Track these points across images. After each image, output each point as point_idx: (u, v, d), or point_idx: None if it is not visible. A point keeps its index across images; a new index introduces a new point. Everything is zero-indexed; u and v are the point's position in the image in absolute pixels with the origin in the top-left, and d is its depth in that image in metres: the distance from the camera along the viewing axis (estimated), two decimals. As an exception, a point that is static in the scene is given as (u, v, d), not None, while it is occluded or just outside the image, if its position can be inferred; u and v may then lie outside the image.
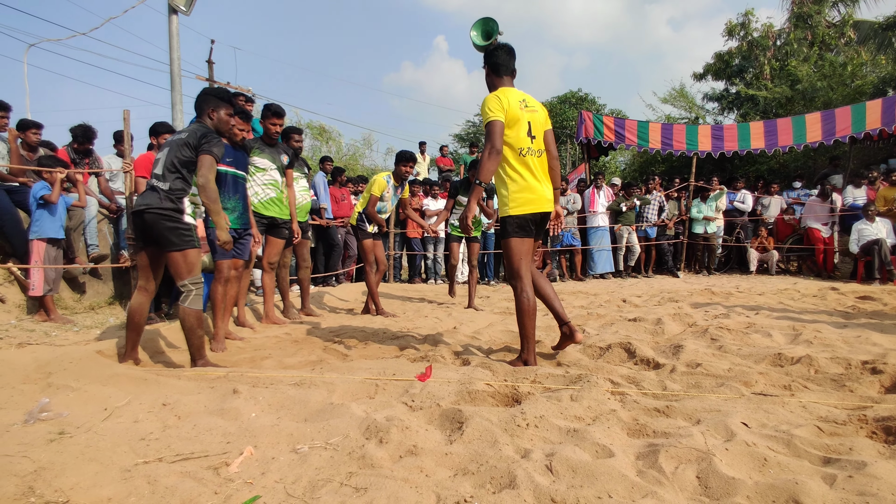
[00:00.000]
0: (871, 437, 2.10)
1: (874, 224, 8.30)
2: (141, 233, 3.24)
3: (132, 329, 3.35)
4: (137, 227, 3.23)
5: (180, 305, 3.25)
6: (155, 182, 3.20)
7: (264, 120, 4.79)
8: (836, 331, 4.12)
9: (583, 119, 10.80)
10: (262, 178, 4.76)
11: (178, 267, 3.19)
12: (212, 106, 3.42)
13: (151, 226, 3.13)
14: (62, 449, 1.95)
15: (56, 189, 4.91)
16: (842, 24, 15.08)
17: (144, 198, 3.19)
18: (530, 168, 3.17)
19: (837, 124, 9.62)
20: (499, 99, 3.10)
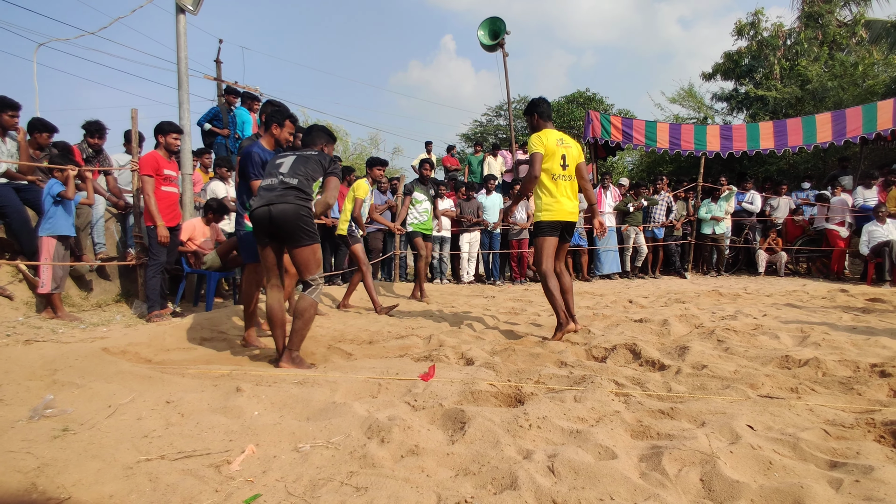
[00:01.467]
0: (879, 441, 2.08)
1: (885, 226, 8.21)
2: (269, 229, 3.29)
3: (279, 327, 3.41)
4: (266, 222, 3.25)
5: (305, 296, 3.32)
6: (286, 179, 3.29)
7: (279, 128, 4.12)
8: (844, 333, 4.08)
9: (590, 119, 10.74)
10: None
11: (308, 261, 3.32)
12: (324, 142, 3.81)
13: (287, 221, 3.22)
14: (65, 446, 1.96)
15: (70, 185, 4.95)
16: (853, 23, 14.91)
17: (285, 196, 3.24)
18: (560, 188, 4.20)
19: (848, 124, 9.51)
20: (540, 138, 4.24)
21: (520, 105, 26.74)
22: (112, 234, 6.10)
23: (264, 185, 3.34)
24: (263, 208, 3.23)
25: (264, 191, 3.29)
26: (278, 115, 4.00)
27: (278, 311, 3.42)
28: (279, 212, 3.21)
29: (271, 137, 4.01)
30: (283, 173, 3.33)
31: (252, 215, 3.30)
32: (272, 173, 3.38)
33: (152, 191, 5.09)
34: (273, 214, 3.21)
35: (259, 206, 3.25)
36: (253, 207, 3.28)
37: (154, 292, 5.20)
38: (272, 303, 3.42)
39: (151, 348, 3.75)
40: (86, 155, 6.10)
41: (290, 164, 3.38)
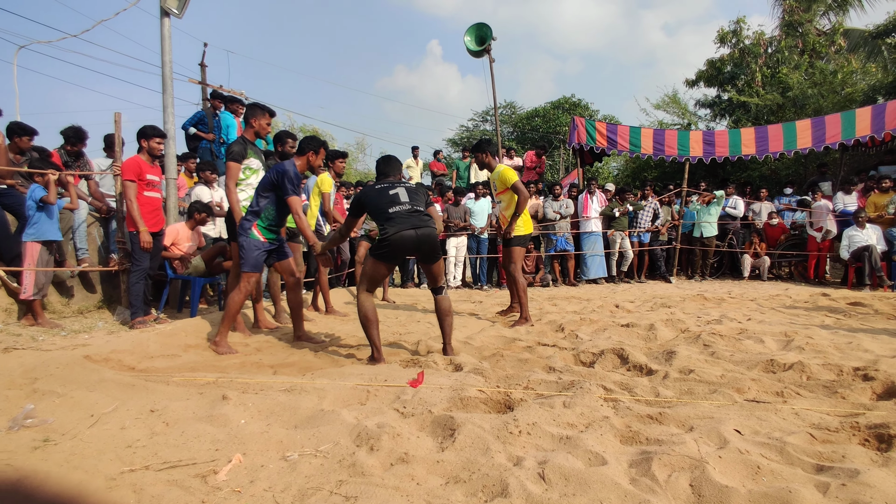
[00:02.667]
0: (864, 444, 2.10)
1: (865, 230, 8.35)
2: (412, 250, 3.70)
3: (375, 327, 3.71)
4: (412, 244, 3.63)
5: (444, 298, 3.92)
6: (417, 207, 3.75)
7: (257, 119, 4.65)
8: (827, 337, 4.14)
9: (575, 125, 10.84)
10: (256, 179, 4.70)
11: (440, 272, 3.92)
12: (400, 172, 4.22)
13: (430, 241, 3.70)
14: (46, 457, 1.92)
15: (52, 190, 4.86)
16: (832, 32, 15.23)
17: (426, 221, 3.70)
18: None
19: (828, 131, 9.69)
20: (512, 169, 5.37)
21: (506, 110, 26.90)
22: (94, 239, 6.00)
23: (394, 211, 3.66)
24: (410, 231, 3.59)
25: (402, 217, 3.64)
26: (315, 143, 4.28)
27: (374, 312, 3.76)
28: (425, 234, 3.64)
29: (306, 163, 4.26)
30: (408, 202, 3.73)
31: (395, 238, 3.58)
32: (394, 202, 3.71)
33: (135, 196, 5.01)
34: (419, 236, 3.61)
35: (403, 229, 3.58)
36: (394, 232, 3.57)
37: (137, 298, 5.12)
38: (368, 307, 3.75)
39: (135, 356, 3.69)
40: (65, 160, 6.00)
41: (406, 195, 3.78)
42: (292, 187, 4.04)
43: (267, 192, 4.14)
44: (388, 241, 3.58)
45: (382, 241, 3.61)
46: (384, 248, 3.63)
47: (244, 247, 4.15)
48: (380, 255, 3.69)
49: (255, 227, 4.14)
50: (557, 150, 22.43)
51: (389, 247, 3.60)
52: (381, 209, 3.67)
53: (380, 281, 3.89)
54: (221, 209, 6.69)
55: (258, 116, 4.63)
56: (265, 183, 4.17)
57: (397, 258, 3.81)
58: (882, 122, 9.26)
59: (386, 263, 3.78)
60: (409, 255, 3.80)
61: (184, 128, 8.12)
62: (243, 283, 4.13)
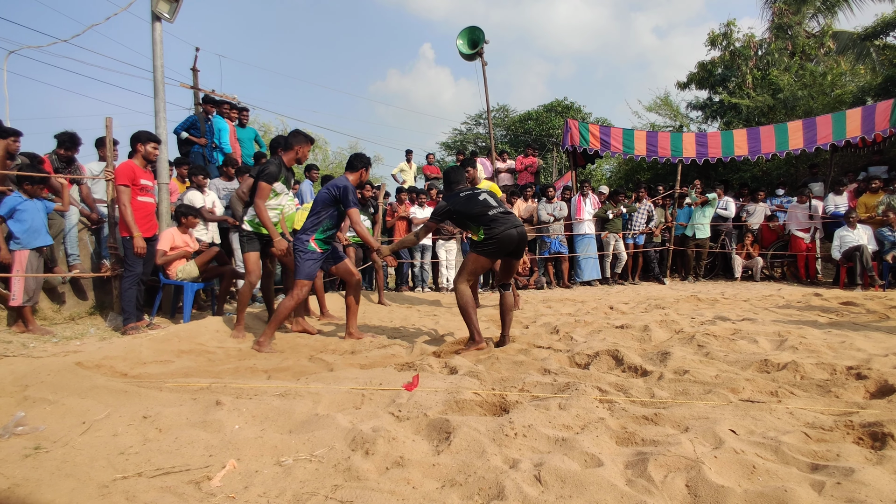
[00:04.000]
0: (858, 442, 2.11)
1: (856, 231, 8.41)
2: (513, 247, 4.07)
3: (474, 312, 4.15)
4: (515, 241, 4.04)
5: (508, 294, 4.27)
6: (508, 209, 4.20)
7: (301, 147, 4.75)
8: (820, 336, 4.16)
9: (569, 127, 10.85)
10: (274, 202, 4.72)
11: (516, 268, 4.32)
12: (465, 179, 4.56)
13: (525, 239, 4.12)
14: (38, 464, 1.90)
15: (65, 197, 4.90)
16: (821, 34, 15.38)
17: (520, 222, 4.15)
18: None
19: (818, 132, 9.76)
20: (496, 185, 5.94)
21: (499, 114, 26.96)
22: (86, 244, 5.96)
23: (494, 213, 4.06)
24: (513, 230, 4.02)
25: (503, 218, 4.05)
26: (365, 160, 4.82)
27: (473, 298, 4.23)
28: (523, 233, 4.09)
29: (359, 178, 4.75)
30: (498, 205, 4.16)
31: (503, 236, 3.99)
32: (488, 205, 4.11)
33: (128, 201, 4.98)
34: (520, 234, 4.05)
35: (508, 229, 4.00)
36: (501, 231, 3.99)
37: (130, 304, 5.09)
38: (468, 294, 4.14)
39: (127, 362, 3.66)
40: (55, 166, 5.96)
41: (492, 199, 4.21)
42: (354, 200, 4.51)
43: (328, 208, 4.52)
44: (495, 238, 4.00)
45: (489, 240, 4.02)
46: (491, 245, 4.04)
47: (300, 256, 4.49)
48: (486, 252, 4.09)
49: (312, 241, 4.50)
50: (550, 153, 22.50)
51: (497, 244, 4.02)
52: (481, 214, 4.07)
53: (480, 273, 4.45)
54: (213, 214, 6.66)
55: (302, 144, 4.77)
56: (325, 200, 4.52)
57: (500, 254, 4.15)
58: (872, 123, 9.34)
59: (489, 259, 4.17)
60: (510, 250, 4.13)
61: (176, 132, 8.09)
62: (296, 290, 4.48)
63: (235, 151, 8.45)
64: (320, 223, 4.52)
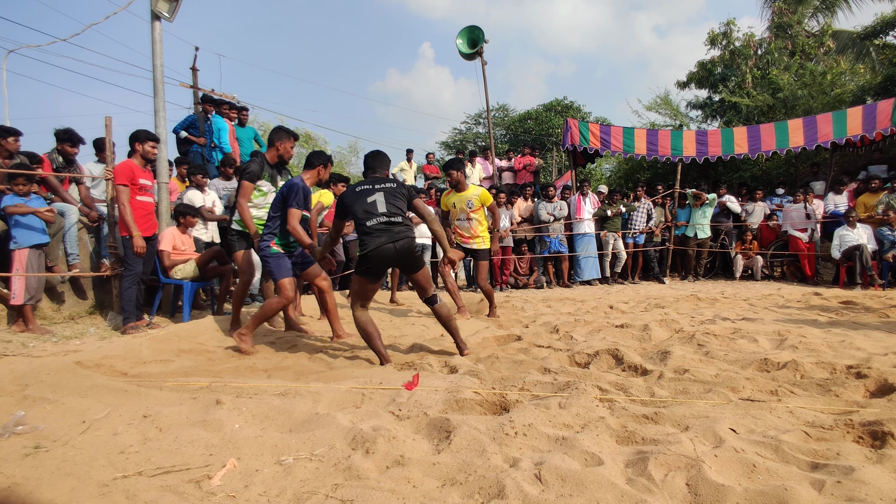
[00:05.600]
0: (858, 441, 2.11)
1: (855, 230, 8.42)
2: (393, 262, 3.67)
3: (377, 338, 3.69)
4: (391, 257, 3.59)
5: (441, 305, 3.84)
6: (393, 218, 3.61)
7: (283, 142, 4.67)
8: (820, 335, 4.16)
9: (569, 126, 10.85)
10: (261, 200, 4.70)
11: (427, 281, 3.83)
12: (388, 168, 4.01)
13: (410, 252, 3.64)
14: (38, 464, 1.90)
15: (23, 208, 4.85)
16: (821, 33, 15.38)
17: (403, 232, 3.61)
18: None
19: (819, 130, 9.76)
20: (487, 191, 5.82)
21: (499, 113, 26.96)
22: (85, 244, 5.95)
23: (372, 224, 3.58)
24: (389, 246, 3.54)
25: (378, 231, 3.57)
26: (324, 158, 4.56)
27: (373, 323, 3.74)
28: (403, 246, 3.58)
29: (315, 176, 4.48)
30: (385, 213, 3.61)
31: (375, 254, 3.54)
32: (370, 213, 3.61)
33: (127, 200, 4.98)
34: (398, 250, 3.57)
35: (382, 244, 3.54)
36: (374, 247, 3.54)
37: (129, 303, 5.08)
38: (366, 320, 3.72)
39: (127, 361, 3.66)
40: (55, 165, 5.95)
41: (384, 202, 3.65)
42: (295, 200, 4.10)
43: (278, 212, 4.20)
44: (367, 256, 3.56)
45: (363, 258, 3.59)
46: (366, 265, 3.62)
47: (268, 262, 4.25)
48: (363, 272, 3.68)
49: (272, 244, 4.24)
50: (550, 152, 22.50)
51: (370, 262, 3.59)
52: (359, 221, 3.62)
53: (370, 296, 3.83)
54: (213, 213, 6.65)
55: (283, 140, 4.67)
56: (276, 203, 4.24)
57: (381, 273, 3.77)
58: (873, 122, 9.34)
59: (371, 279, 3.74)
60: (392, 266, 3.81)
61: (175, 131, 8.09)
62: (281, 290, 4.21)
63: (234, 151, 8.45)
64: (276, 228, 4.24)
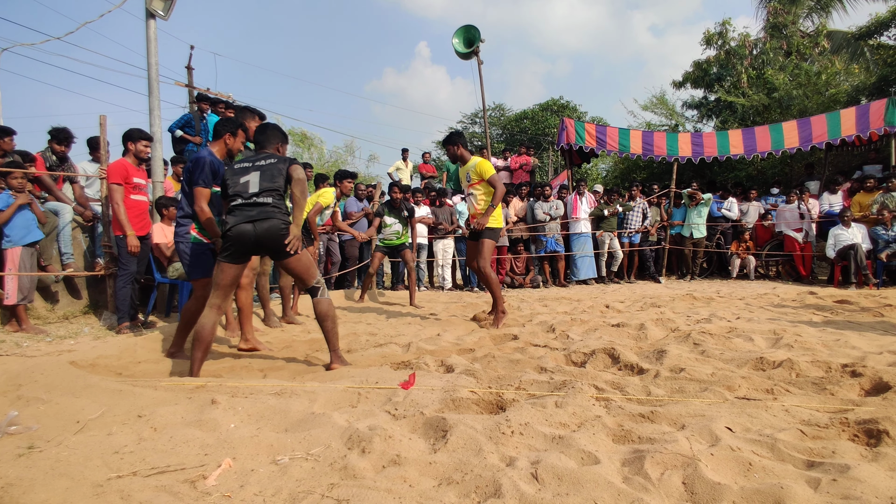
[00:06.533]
0: (854, 439, 2.12)
1: (850, 229, 8.45)
2: (252, 247, 3.28)
3: (204, 347, 3.28)
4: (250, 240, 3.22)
5: (321, 300, 3.45)
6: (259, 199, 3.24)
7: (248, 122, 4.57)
8: (815, 334, 4.17)
9: (564, 125, 10.87)
10: None
11: (303, 269, 3.41)
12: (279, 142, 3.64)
13: (273, 237, 3.23)
14: (31, 464, 1.88)
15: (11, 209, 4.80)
16: (816, 34, 15.42)
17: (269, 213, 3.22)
18: None
19: (814, 131, 9.80)
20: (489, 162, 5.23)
21: (495, 112, 26.97)
22: (80, 243, 5.92)
23: (236, 204, 3.26)
24: (247, 226, 3.19)
25: (239, 210, 3.23)
26: (230, 124, 3.92)
27: (210, 331, 3.32)
28: (264, 229, 3.21)
29: (224, 146, 3.89)
30: (254, 192, 3.27)
31: (232, 234, 3.21)
32: (239, 193, 3.28)
33: (121, 199, 4.96)
34: (257, 232, 3.20)
35: (242, 222, 3.19)
36: (230, 225, 3.20)
37: (124, 303, 5.06)
38: (206, 322, 3.30)
39: (122, 361, 3.65)
40: (49, 164, 5.92)
41: (257, 181, 3.30)
42: (203, 179, 3.65)
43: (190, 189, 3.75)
44: (227, 235, 3.23)
45: (223, 236, 3.27)
46: (225, 245, 3.26)
47: (187, 253, 3.84)
48: (223, 256, 3.29)
49: (192, 230, 3.82)
50: (546, 151, 22.51)
51: (229, 243, 3.23)
52: (230, 199, 3.31)
53: (224, 285, 3.33)
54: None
55: (248, 119, 4.52)
56: (185, 178, 3.80)
57: (241, 257, 3.33)
58: (867, 122, 9.39)
59: (230, 264, 3.29)
60: (253, 252, 3.40)
61: (170, 130, 8.05)
62: (197, 290, 3.83)
63: (231, 150, 8.41)
64: (184, 206, 3.82)
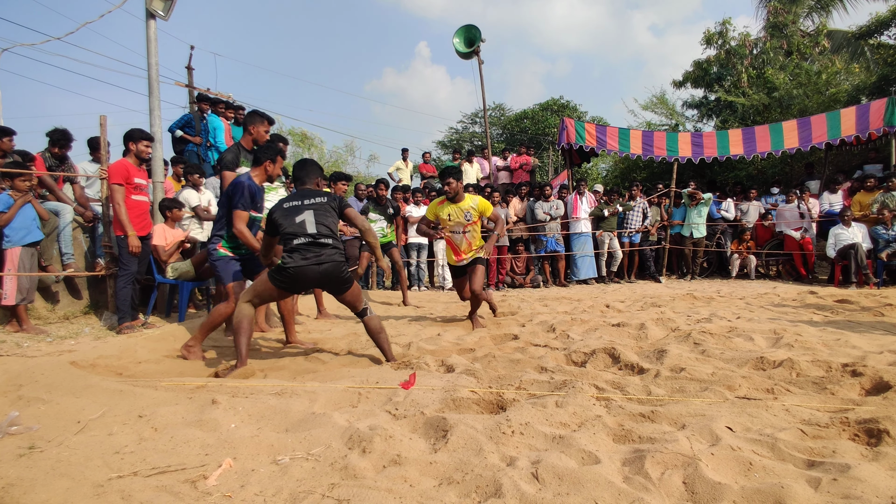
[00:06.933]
0: (854, 439, 2.12)
1: (850, 229, 8.45)
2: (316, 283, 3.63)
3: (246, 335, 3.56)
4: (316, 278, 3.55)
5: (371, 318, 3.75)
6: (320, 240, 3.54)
7: (256, 126, 4.62)
8: (816, 334, 4.17)
9: (565, 125, 10.86)
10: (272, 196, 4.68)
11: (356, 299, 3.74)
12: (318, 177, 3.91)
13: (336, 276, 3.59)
14: (32, 464, 1.89)
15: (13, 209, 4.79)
16: (816, 33, 15.42)
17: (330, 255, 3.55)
18: None
19: (813, 131, 9.80)
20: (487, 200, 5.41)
21: (495, 112, 26.96)
22: (80, 244, 5.92)
23: (298, 243, 3.51)
24: (313, 268, 3.50)
25: (305, 249, 3.51)
26: (271, 152, 4.08)
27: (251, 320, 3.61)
28: (327, 270, 3.54)
29: (264, 173, 4.07)
30: (313, 234, 3.54)
31: (295, 272, 3.48)
32: (298, 232, 3.53)
33: (122, 200, 4.95)
34: (322, 273, 3.53)
35: (306, 265, 3.48)
36: (295, 266, 3.47)
37: (124, 303, 5.06)
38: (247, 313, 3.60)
39: (122, 361, 3.65)
40: (48, 164, 5.92)
41: (312, 220, 3.57)
42: (243, 203, 3.87)
43: (224, 210, 4.01)
44: (287, 270, 3.49)
45: (282, 269, 3.51)
46: (283, 278, 3.54)
47: (217, 266, 4.08)
48: (275, 281, 3.57)
49: (220, 247, 4.07)
50: (546, 151, 22.51)
51: (288, 278, 3.52)
52: (286, 237, 3.54)
53: (268, 301, 3.77)
54: (209, 213, 6.63)
55: (256, 124, 4.59)
56: (222, 201, 4.06)
57: (294, 289, 3.69)
58: (867, 122, 9.39)
59: (280, 291, 3.65)
60: (310, 287, 3.72)
61: (170, 130, 8.06)
62: (229, 294, 4.02)
63: (230, 150, 8.42)
64: (223, 227, 4.06)
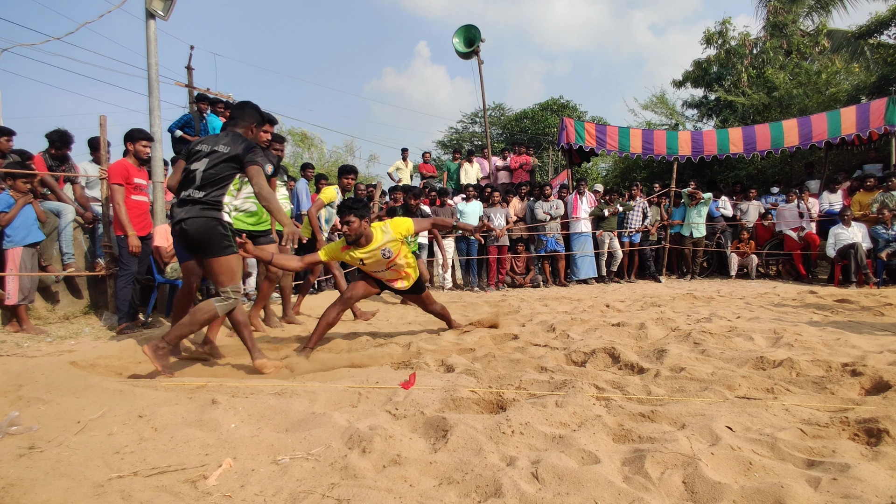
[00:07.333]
0: (854, 438, 2.12)
1: (850, 228, 8.45)
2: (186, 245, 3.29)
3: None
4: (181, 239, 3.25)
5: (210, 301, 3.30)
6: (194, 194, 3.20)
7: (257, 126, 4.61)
8: (816, 333, 4.17)
9: (564, 125, 10.86)
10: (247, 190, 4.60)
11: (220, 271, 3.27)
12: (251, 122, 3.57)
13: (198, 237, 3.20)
14: (32, 464, 1.89)
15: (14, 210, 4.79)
16: (816, 33, 15.41)
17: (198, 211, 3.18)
18: None
19: (814, 130, 9.80)
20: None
21: (495, 112, 26.96)
22: (80, 244, 5.92)
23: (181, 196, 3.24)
24: (177, 227, 3.22)
25: (181, 203, 3.23)
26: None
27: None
28: (192, 228, 3.19)
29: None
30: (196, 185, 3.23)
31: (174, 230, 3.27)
32: (185, 183, 3.26)
33: (122, 200, 4.96)
34: (183, 230, 3.20)
35: (174, 221, 3.23)
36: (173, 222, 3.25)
37: (124, 303, 5.06)
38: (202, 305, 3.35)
39: (122, 361, 3.65)
40: (49, 164, 5.92)
41: (202, 172, 3.24)
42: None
43: None
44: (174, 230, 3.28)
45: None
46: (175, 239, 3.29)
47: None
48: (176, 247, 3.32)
49: None
50: (546, 151, 22.51)
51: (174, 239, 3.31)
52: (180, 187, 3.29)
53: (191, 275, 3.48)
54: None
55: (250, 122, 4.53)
56: None
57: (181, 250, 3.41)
58: (867, 121, 9.38)
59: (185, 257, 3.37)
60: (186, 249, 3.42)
61: (170, 130, 8.05)
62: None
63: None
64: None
